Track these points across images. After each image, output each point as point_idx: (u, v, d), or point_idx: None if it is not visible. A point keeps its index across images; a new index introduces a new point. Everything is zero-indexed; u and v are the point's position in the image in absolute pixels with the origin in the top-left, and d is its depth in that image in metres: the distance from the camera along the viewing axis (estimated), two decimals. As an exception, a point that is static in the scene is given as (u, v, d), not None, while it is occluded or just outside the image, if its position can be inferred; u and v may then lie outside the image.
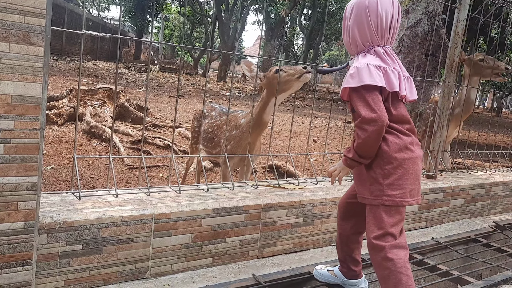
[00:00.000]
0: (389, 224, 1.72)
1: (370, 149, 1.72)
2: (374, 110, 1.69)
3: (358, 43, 1.82)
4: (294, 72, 2.62)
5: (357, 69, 1.73)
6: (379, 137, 1.70)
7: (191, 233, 2.11)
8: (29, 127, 1.56)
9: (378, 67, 1.73)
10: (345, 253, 2.06)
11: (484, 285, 2.34)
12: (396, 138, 1.74)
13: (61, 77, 11.95)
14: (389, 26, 1.78)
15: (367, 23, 1.77)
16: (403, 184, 1.73)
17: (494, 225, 3.51)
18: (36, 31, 1.52)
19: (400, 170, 1.72)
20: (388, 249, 1.70)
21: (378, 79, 1.71)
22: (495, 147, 4.34)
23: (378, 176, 1.74)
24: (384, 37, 1.79)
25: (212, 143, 3.19)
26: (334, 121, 11.64)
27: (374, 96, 1.70)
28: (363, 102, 1.71)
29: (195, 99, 12.49)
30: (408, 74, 1.85)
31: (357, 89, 1.72)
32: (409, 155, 1.74)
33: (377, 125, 1.68)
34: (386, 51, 1.80)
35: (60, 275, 1.79)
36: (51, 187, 3.83)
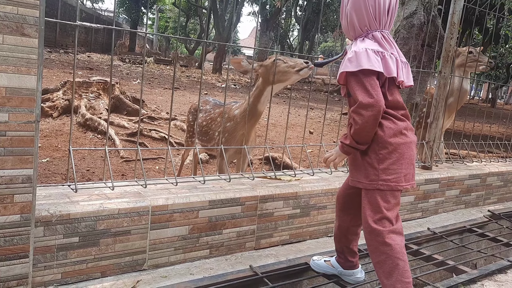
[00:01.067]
0: (385, 209, 1.73)
1: (367, 134, 1.73)
2: (372, 95, 1.69)
3: (356, 27, 1.81)
4: (294, 64, 2.58)
5: (355, 53, 1.72)
6: (375, 122, 1.71)
7: (188, 225, 2.11)
8: (24, 120, 1.55)
9: (376, 52, 1.73)
10: (342, 244, 2.07)
11: (479, 274, 2.36)
12: (391, 123, 1.75)
13: (56, 70, 11.86)
14: (387, 10, 1.78)
15: (365, 7, 1.76)
16: (398, 169, 1.74)
17: (489, 215, 3.54)
18: (30, 22, 1.50)
19: (395, 154, 1.74)
20: (386, 234, 1.71)
21: (377, 64, 1.70)
22: (490, 137, 4.36)
23: (373, 161, 1.76)
24: (382, 22, 1.79)
25: (207, 136, 3.18)
26: (330, 113, 11.64)
27: (372, 81, 1.70)
28: (361, 87, 1.71)
29: (191, 91, 12.44)
30: (405, 59, 1.85)
31: (355, 73, 1.72)
32: (403, 140, 1.76)
33: (374, 110, 1.68)
34: (384, 35, 1.79)
35: (57, 267, 1.79)
36: (47, 180, 3.81)
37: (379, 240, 1.72)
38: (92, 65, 14.99)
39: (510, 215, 3.63)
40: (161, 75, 16.28)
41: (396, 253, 1.71)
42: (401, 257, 1.71)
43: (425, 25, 3.65)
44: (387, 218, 1.74)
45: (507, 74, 20.80)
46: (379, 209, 1.74)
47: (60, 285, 1.81)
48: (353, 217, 2.01)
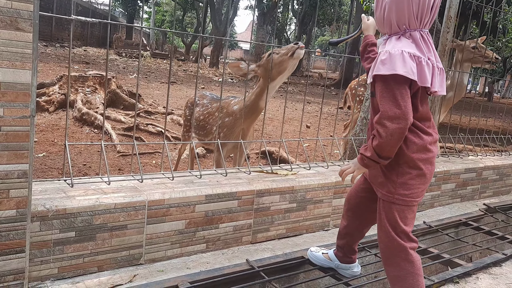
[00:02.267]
0: (403, 223, 1.67)
1: (391, 149, 1.59)
2: (400, 105, 1.53)
3: (393, 23, 1.63)
4: (286, 51, 2.58)
5: (389, 54, 1.55)
6: (401, 136, 1.56)
7: (185, 219, 2.12)
8: (19, 114, 1.54)
9: (413, 56, 1.55)
10: (346, 242, 2.06)
11: (474, 268, 2.38)
12: (416, 138, 1.63)
13: (51, 64, 11.80)
14: (431, 7, 1.60)
15: (408, 3, 1.57)
16: (416, 184, 1.66)
17: (484, 208, 3.56)
18: (24, 17, 1.49)
19: (415, 171, 1.65)
20: (409, 250, 1.67)
21: (412, 71, 1.53)
22: (486, 131, 4.38)
23: (392, 173, 1.66)
24: (424, 20, 1.61)
25: (204, 130, 3.17)
26: (327, 107, 11.64)
27: (403, 90, 1.54)
28: (389, 95, 1.55)
29: (187, 85, 12.41)
30: (441, 65, 1.68)
31: (386, 78, 1.56)
32: (426, 155, 1.66)
33: (400, 123, 1.54)
34: (423, 36, 1.62)
35: (54, 262, 1.79)
36: (43, 175, 3.81)
37: (402, 256, 1.67)
38: (88, 59, 14.92)
39: (505, 208, 3.65)
40: (157, 69, 16.22)
41: (417, 269, 1.68)
42: (421, 273, 1.69)
43: (422, 19, 3.64)
44: (405, 233, 1.67)
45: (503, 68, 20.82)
46: (397, 223, 1.67)
47: (57, 280, 1.81)
48: (363, 219, 1.98)
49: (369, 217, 1.95)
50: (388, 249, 1.71)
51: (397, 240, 1.67)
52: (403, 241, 1.67)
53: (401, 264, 1.68)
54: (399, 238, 1.67)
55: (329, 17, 28.76)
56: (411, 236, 1.69)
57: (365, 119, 4.05)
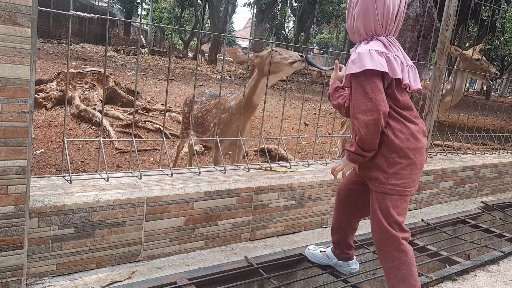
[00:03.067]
0: (396, 213, 1.69)
1: (371, 141, 1.65)
2: (371, 98, 1.62)
3: (361, 32, 1.74)
4: (288, 57, 2.59)
5: (358, 54, 1.66)
6: (377, 127, 1.63)
7: (183, 216, 2.11)
8: (17, 110, 1.53)
9: (380, 52, 1.65)
10: (339, 236, 2.07)
11: (472, 265, 2.38)
12: (402, 127, 1.69)
13: (49, 60, 11.76)
14: (395, 16, 1.71)
15: (373, 13, 1.69)
16: (407, 174, 1.69)
17: (482, 206, 3.57)
18: (23, 12, 1.48)
19: (405, 160, 1.68)
20: (401, 240, 1.69)
21: (380, 64, 1.62)
22: (484, 130, 4.38)
23: (383, 164, 1.69)
24: (389, 28, 1.73)
25: (202, 128, 3.17)
26: (325, 105, 11.64)
27: (373, 84, 1.63)
28: (360, 90, 1.64)
29: (186, 83, 12.39)
30: (412, 63, 1.78)
31: (357, 75, 1.65)
32: (415, 144, 1.69)
33: (373, 114, 1.61)
34: (390, 40, 1.73)
35: (52, 258, 1.79)
36: (41, 171, 3.80)
37: (394, 247, 1.70)
38: (86, 56, 14.87)
39: (503, 206, 3.66)
40: (156, 66, 16.18)
41: (410, 259, 1.70)
42: (414, 262, 1.71)
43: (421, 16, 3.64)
44: (397, 223, 1.70)
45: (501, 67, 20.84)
46: (390, 213, 1.69)
47: (55, 276, 1.81)
48: (354, 212, 2.00)
49: (359, 210, 1.98)
50: (381, 239, 1.74)
51: (389, 230, 1.69)
52: (395, 231, 1.69)
53: (394, 254, 1.71)
54: (391, 228, 1.70)
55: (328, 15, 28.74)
56: (403, 226, 1.72)
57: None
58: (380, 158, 1.70)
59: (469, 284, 2.22)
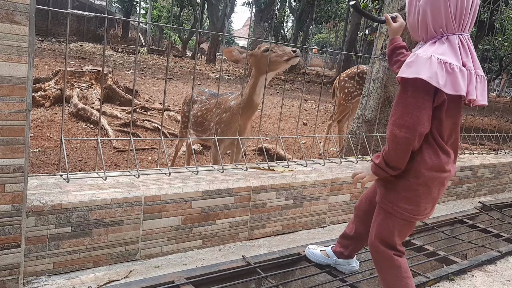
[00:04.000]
0: (395, 236, 1.65)
1: (398, 159, 1.52)
2: (412, 114, 1.45)
3: (429, 28, 1.52)
4: (282, 54, 2.60)
5: (417, 57, 1.46)
6: (407, 147, 1.48)
7: (181, 215, 2.11)
8: (14, 109, 1.53)
9: (444, 62, 1.43)
10: (352, 242, 2.06)
11: (469, 265, 2.39)
12: (433, 155, 1.54)
13: (47, 59, 11.73)
14: (470, 7, 1.49)
15: (445, 5, 1.46)
16: (419, 202, 1.58)
17: (480, 206, 3.57)
18: (20, 10, 1.48)
19: (423, 188, 1.56)
20: (394, 257, 1.66)
21: (436, 77, 1.41)
22: (482, 130, 4.39)
23: (399, 184, 1.59)
24: (463, 23, 1.49)
25: (202, 127, 3.17)
26: (323, 104, 11.64)
27: (420, 98, 1.45)
28: (404, 100, 1.48)
29: (184, 82, 12.38)
30: (482, 72, 1.55)
31: (407, 82, 1.47)
32: (439, 175, 1.56)
33: (408, 133, 1.46)
34: (462, 41, 1.50)
35: (49, 257, 1.78)
36: (39, 170, 3.79)
37: (388, 264, 1.68)
38: (84, 55, 14.84)
39: (500, 206, 3.67)
40: (154, 65, 16.16)
41: (405, 272, 1.68)
42: (409, 275, 1.69)
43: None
44: (392, 245, 1.66)
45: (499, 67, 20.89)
46: (389, 233, 1.64)
47: (52, 275, 1.80)
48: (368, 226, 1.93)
49: None
50: (374, 253, 1.73)
51: (381, 248, 1.67)
52: (388, 250, 1.67)
53: (388, 270, 1.70)
54: (385, 247, 1.67)
55: (326, 14, 28.73)
56: (398, 247, 1.68)
57: (362, 116, 4.05)
58: (399, 177, 1.59)
59: (466, 284, 2.23)
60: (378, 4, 8.45)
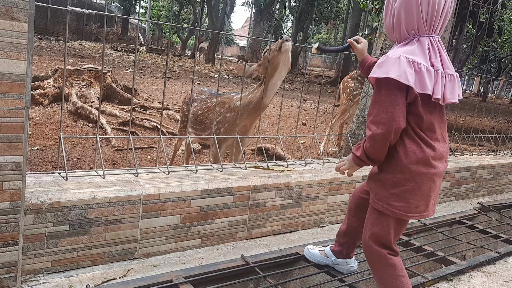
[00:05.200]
0: (386, 233, 1.66)
1: (377, 153, 1.58)
2: (387, 111, 1.52)
3: (402, 30, 1.59)
4: (275, 47, 2.65)
5: (387, 58, 1.54)
6: (385, 142, 1.55)
7: (180, 214, 2.11)
8: (13, 106, 1.52)
9: (412, 61, 1.51)
10: (347, 239, 2.06)
11: (467, 266, 2.39)
12: (417, 148, 1.57)
13: (46, 57, 11.71)
14: (441, 13, 1.55)
15: (417, 7, 1.52)
16: (409, 198, 1.59)
17: (478, 207, 3.57)
18: (20, 6, 1.47)
19: (410, 183, 1.58)
20: (388, 255, 1.67)
21: (405, 76, 1.48)
22: (481, 131, 4.39)
23: (386, 181, 1.62)
24: (434, 25, 1.56)
25: (202, 125, 3.16)
26: (322, 104, 11.64)
27: (393, 96, 1.52)
28: (378, 99, 1.55)
29: (183, 81, 12.36)
30: (453, 71, 1.61)
31: (380, 81, 1.55)
32: (426, 170, 1.58)
33: (383, 129, 1.52)
34: (432, 42, 1.57)
35: (47, 255, 1.78)
36: (37, 168, 3.78)
37: (382, 263, 1.69)
38: (83, 53, 14.82)
39: (499, 207, 3.67)
40: (153, 64, 16.14)
41: (400, 271, 1.68)
42: (404, 273, 1.69)
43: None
44: (386, 243, 1.67)
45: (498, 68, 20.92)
46: (380, 231, 1.66)
47: (50, 273, 1.80)
48: (362, 221, 1.94)
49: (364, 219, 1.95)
50: (368, 253, 1.73)
51: (375, 248, 1.68)
52: (381, 249, 1.68)
53: (383, 269, 1.70)
54: (378, 246, 1.68)
55: (326, 15, 28.73)
56: (392, 246, 1.69)
57: (361, 116, 4.05)
58: (386, 175, 1.63)
59: (465, 285, 2.23)
60: (378, 5, 8.46)
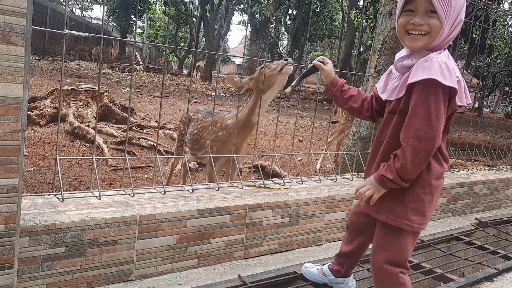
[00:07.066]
0: (404, 250, 1.62)
1: (414, 171, 1.49)
2: (432, 126, 1.42)
3: (449, 39, 1.52)
4: (276, 66, 2.66)
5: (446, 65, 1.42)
6: (427, 159, 1.47)
7: (176, 234, 2.10)
8: (9, 129, 1.53)
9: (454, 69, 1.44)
10: (347, 259, 2.04)
11: (466, 283, 2.37)
12: (438, 164, 1.56)
13: (43, 78, 11.77)
14: None
15: (460, 20, 1.50)
16: (425, 211, 1.58)
17: (476, 223, 3.57)
18: (17, 31, 1.49)
19: (429, 197, 1.57)
20: (399, 275, 1.64)
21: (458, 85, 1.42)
22: (476, 146, 4.42)
23: (406, 196, 1.56)
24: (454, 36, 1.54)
25: (197, 145, 3.18)
26: (319, 121, 11.70)
27: (440, 111, 1.42)
28: (424, 111, 1.42)
29: (180, 100, 12.42)
30: None
31: (428, 89, 1.42)
32: (440, 182, 1.59)
33: (428, 145, 1.43)
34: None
35: (43, 278, 1.76)
36: (33, 189, 3.76)
37: (393, 282, 1.64)
38: (80, 73, 14.90)
39: (496, 223, 3.66)
40: (150, 83, 16.23)
41: None
42: None
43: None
44: (402, 261, 1.64)
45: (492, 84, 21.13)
46: (397, 250, 1.62)
47: (45, 297, 1.78)
48: (362, 243, 1.95)
49: (368, 241, 1.93)
50: (379, 273, 1.69)
51: (388, 268, 1.64)
52: (395, 268, 1.64)
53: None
54: (390, 264, 1.63)
55: (321, 32, 29.10)
56: (407, 265, 1.66)
57: (357, 133, 4.07)
58: (405, 190, 1.56)
59: (464, 302, 2.21)
60: (372, 23, 8.58)
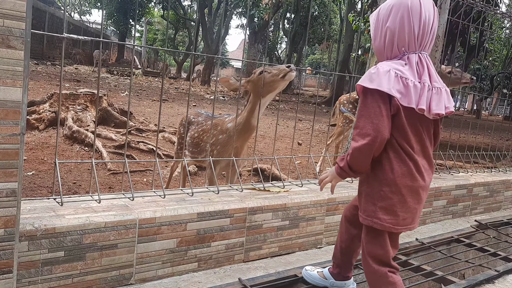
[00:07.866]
0: (382, 249, 1.67)
1: (360, 163, 1.61)
2: (372, 122, 1.56)
3: (394, 48, 1.65)
4: (278, 72, 2.61)
5: (377, 70, 1.58)
6: (369, 152, 1.58)
7: (176, 237, 2.09)
8: (8, 132, 1.52)
9: (400, 76, 1.57)
10: (342, 259, 2.04)
11: (467, 285, 2.37)
12: (401, 162, 1.62)
13: (42, 82, 11.76)
14: (430, 29, 1.62)
15: (408, 26, 1.59)
16: (396, 211, 1.63)
17: (476, 225, 3.57)
18: (16, 35, 1.49)
19: (398, 196, 1.62)
20: (388, 273, 1.67)
21: (395, 89, 1.55)
22: (475, 148, 4.42)
23: (374, 196, 1.65)
24: (423, 42, 1.63)
25: (198, 148, 3.17)
26: (318, 124, 11.70)
27: (377, 109, 1.56)
28: (365, 111, 1.58)
29: (179, 103, 12.43)
30: (441, 85, 1.66)
31: (367, 92, 1.59)
32: (412, 183, 1.63)
33: (369, 140, 1.56)
34: (421, 58, 1.63)
35: (42, 283, 1.75)
36: (32, 193, 3.75)
37: (382, 281, 1.68)
38: (79, 77, 14.91)
39: (496, 225, 3.66)
40: (149, 87, 16.24)
41: None
42: None
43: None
44: (385, 260, 1.67)
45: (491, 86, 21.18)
46: (377, 249, 1.68)
47: (45, 301, 1.77)
48: (354, 237, 1.96)
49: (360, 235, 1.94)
50: (368, 273, 1.73)
51: (374, 267, 1.68)
52: (381, 267, 1.67)
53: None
54: (376, 264, 1.68)
55: (319, 36, 29.17)
56: (390, 262, 1.69)
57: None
58: (373, 188, 1.66)
59: (464, 304, 2.21)
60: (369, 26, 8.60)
